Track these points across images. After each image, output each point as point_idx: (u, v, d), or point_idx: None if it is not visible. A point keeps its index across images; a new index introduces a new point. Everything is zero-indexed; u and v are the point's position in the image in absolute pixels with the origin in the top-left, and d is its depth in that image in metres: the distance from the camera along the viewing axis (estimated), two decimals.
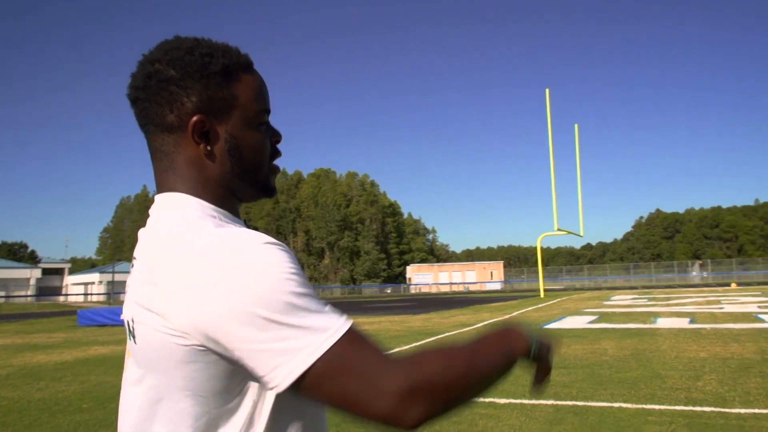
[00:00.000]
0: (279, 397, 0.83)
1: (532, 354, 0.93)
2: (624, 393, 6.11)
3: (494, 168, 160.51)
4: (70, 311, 32.81)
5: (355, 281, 77.23)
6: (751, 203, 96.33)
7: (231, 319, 0.75)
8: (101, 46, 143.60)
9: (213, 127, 0.89)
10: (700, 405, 5.45)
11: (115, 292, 50.72)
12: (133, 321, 0.86)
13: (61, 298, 67.07)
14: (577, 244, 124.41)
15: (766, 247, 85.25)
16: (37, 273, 73.45)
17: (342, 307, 30.40)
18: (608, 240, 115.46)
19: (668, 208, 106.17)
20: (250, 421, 0.82)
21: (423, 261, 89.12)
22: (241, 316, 0.74)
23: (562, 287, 52.98)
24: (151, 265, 0.83)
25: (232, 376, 0.81)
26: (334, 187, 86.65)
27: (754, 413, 5.05)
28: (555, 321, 15.04)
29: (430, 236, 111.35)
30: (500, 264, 66.47)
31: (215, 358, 0.79)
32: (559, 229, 26.45)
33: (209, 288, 0.75)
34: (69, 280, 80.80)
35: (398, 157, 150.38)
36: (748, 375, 6.73)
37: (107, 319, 18.44)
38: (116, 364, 9.21)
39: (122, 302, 1.14)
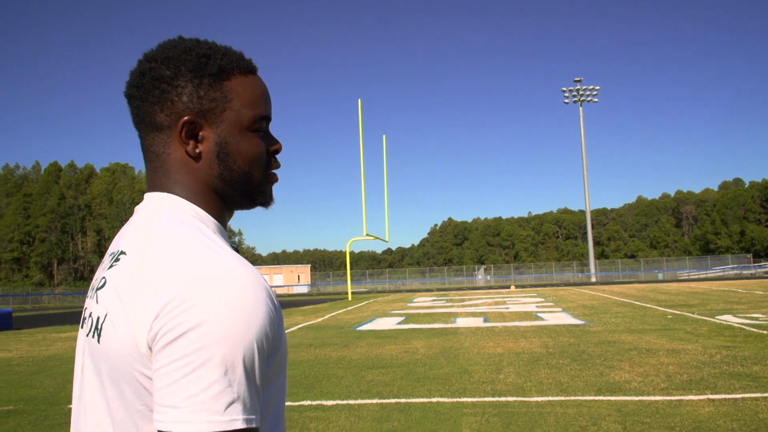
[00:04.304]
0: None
1: None
2: (439, 388, 6.63)
3: (303, 173, 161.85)
4: None
5: None
6: (525, 215, 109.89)
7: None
8: None
9: (203, 129, 0.87)
10: (505, 395, 6.14)
11: None
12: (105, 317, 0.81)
13: None
14: (379, 249, 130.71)
15: (536, 253, 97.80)
16: None
17: None
18: (407, 245, 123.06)
19: (459, 217, 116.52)
20: None
21: None
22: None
23: (365, 290, 55.21)
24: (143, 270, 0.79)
25: None
26: (131, 184, 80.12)
27: (549, 400, 5.84)
28: (366, 323, 15.66)
29: (236, 238, 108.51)
30: (307, 268, 67.14)
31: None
32: (367, 235, 27.58)
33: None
34: None
35: None
36: (539, 367, 7.72)
37: None
38: None
39: None
